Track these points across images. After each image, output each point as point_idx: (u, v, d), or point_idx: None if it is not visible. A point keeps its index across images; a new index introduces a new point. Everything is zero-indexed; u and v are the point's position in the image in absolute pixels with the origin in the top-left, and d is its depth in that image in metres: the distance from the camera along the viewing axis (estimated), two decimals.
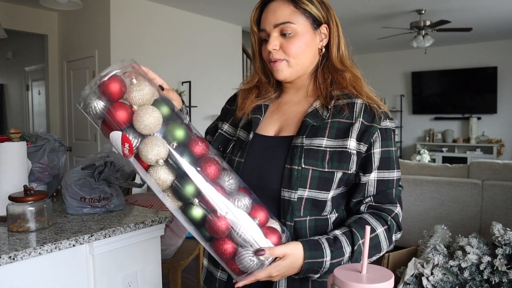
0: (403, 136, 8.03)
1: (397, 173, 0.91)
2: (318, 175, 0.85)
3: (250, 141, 0.92)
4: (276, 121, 0.94)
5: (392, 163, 0.89)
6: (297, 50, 0.89)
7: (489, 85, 6.97)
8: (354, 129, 0.87)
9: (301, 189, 0.84)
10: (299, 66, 0.91)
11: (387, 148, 0.88)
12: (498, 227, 1.55)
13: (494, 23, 5.68)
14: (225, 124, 1.02)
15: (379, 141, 0.87)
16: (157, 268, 1.48)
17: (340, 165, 0.85)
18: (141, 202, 2.04)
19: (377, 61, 8.08)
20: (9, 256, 1.05)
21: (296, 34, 0.88)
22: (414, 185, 3.52)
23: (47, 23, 4.92)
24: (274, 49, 0.89)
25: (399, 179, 0.92)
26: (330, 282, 0.63)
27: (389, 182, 0.90)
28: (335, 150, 0.86)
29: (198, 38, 5.25)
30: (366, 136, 0.86)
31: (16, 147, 1.38)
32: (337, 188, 0.88)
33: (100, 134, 4.55)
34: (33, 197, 1.27)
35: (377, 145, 0.87)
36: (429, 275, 1.58)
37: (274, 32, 0.88)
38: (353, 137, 0.86)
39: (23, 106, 6.07)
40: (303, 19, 0.88)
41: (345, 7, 4.86)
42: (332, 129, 0.88)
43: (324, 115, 0.89)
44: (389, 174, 0.90)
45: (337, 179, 0.86)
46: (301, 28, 0.88)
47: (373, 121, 0.87)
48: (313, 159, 0.85)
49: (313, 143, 0.86)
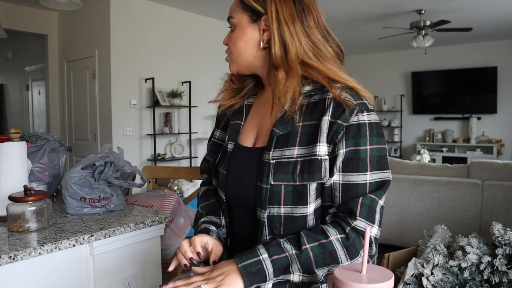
0: (403, 136, 8.03)
1: (371, 175, 0.75)
2: (291, 189, 0.77)
3: (230, 152, 0.88)
4: (254, 127, 0.88)
5: (363, 164, 0.75)
6: (233, 45, 0.86)
7: (489, 85, 6.97)
8: (322, 131, 0.76)
9: (277, 207, 0.78)
10: (241, 61, 0.86)
11: (357, 146, 0.75)
12: (498, 227, 1.55)
13: (494, 23, 5.68)
14: (217, 130, 0.99)
15: (344, 140, 0.75)
16: (157, 268, 1.47)
17: (311, 176, 0.76)
18: (141, 202, 2.04)
19: (377, 61, 8.08)
20: (9, 256, 1.05)
21: (236, 28, 0.85)
22: (414, 185, 3.52)
23: (47, 23, 4.92)
24: (225, 44, 0.89)
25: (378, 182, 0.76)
26: (330, 282, 0.63)
27: (357, 187, 0.75)
28: (305, 159, 0.77)
29: (198, 38, 5.25)
30: (331, 135, 0.76)
31: (16, 147, 1.38)
32: (317, 199, 0.79)
33: (100, 134, 4.55)
34: (33, 197, 1.27)
35: (342, 145, 0.75)
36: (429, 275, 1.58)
37: None
38: (322, 140, 0.76)
39: (23, 106, 6.07)
40: (241, 11, 0.84)
41: (345, 7, 4.86)
42: (303, 135, 0.79)
43: (295, 119, 0.79)
44: (357, 178, 0.75)
45: (312, 192, 0.77)
46: (239, 22, 0.84)
47: (340, 117, 0.76)
48: (284, 174, 0.77)
49: (283, 155, 0.79)
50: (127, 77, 4.52)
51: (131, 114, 4.61)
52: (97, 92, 4.56)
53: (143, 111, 4.74)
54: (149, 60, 4.73)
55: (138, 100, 4.67)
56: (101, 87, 4.52)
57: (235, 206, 0.89)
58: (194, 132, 5.19)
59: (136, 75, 4.62)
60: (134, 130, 4.65)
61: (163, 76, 4.86)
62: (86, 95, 4.70)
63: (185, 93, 5.04)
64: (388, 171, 0.78)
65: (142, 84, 4.68)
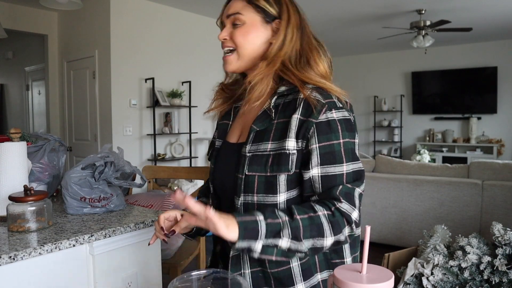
0: (403, 136, 8.04)
1: (348, 166, 0.84)
2: (263, 180, 0.87)
3: (218, 149, 1.00)
4: (239, 126, 0.99)
5: (339, 156, 0.83)
6: (242, 37, 0.92)
7: (489, 85, 6.97)
8: (292, 127, 0.85)
9: (250, 195, 0.87)
10: (246, 56, 0.93)
11: (329, 142, 0.83)
12: (498, 227, 1.55)
13: (494, 23, 5.68)
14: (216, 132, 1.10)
15: (316, 136, 0.83)
16: (157, 268, 1.48)
17: (279, 168, 0.85)
18: (141, 202, 2.04)
19: (377, 61, 8.09)
20: (9, 256, 1.05)
21: (244, 24, 0.92)
22: (414, 185, 3.52)
23: (47, 23, 4.92)
24: (225, 38, 0.94)
25: (354, 173, 0.84)
26: (330, 282, 0.63)
27: (335, 177, 0.83)
28: (276, 152, 0.86)
29: (198, 38, 5.26)
30: (303, 132, 0.84)
31: (16, 147, 1.38)
32: (289, 190, 0.87)
33: (100, 134, 4.55)
34: (33, 197, 1.27)
35: (314, 140, 0.84)
36: (429, 275, 1.58)
37: (227, 23, 0.94)
38: (291, 136, 0.85)
39: (23, 106, 6.08)
40: (253, 12, 0.92)
41: (345, 7, 4.86)
42: (276, 131, 0.88)
43: (272, 116, 0.90)
44: (334, 169, 0.83)
45: (281, 182, 0.86)
46: (250, 20, 0.92)
47: (310, 115, 0.84)
48: (257, 165, 0.87)
49: (259, 148, 0.88)
50: (127, 77, 4.52)
51: (131, 114, 4.61)
52: (97, 92, 4.56)
53: (143, 111, 4.74)
54: (149, 60, 4.73)
55: (138, 100, 4.67)
56: (101, 87, 4.52)
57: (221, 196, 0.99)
58: (194, 132, 5.19)
59: (136, 75, 4.62)
60: (134, 130, 4.65)
61: (163, 76, 4.86)
62: (86, 95, 4.70)
63: (185, 93, 5.04)
64: (360, 162, 0.87)
65: (142, 84, 4.69)
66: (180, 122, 5.13)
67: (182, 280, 0.79)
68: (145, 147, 4.78)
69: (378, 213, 3.67)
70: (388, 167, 3.84)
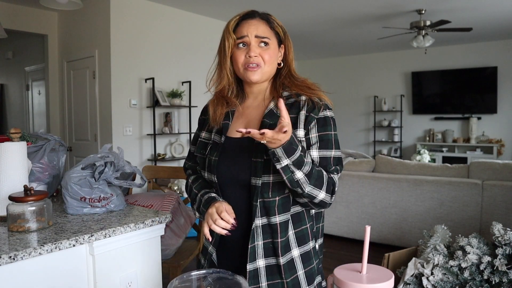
0: (403, 136, 8.04)
1: (335, 152, 1.10)
2: None
3: (222, 143, 1.15)
4: (242, 124, 1.18)
5: (331, 144, 1.10)
6: (269, 59, 1.14)
7: (489, 85, 6.97)
8: (300, 120, 1.09)
9: (267, 176, 1.06)
10: (268, 72, 1.15)
11: (325, 132, 1.10)
12: (498, 227, 1.55)
13: (494, 23, 5.68)
14: (203, 132, 1.25)
15: (316, 127, 1.09)
16: (157, 268, 1.48)
17: None
18: (141, 202, 2.04)
19: (377, 61, 8.08)
20: (9, 256, 1.05)
21: (270, 47, 1.14)
22: (414, 185, 3.52)
23: (47, 23, 4.92)
24: (256, 55, 1.12)
25: (338, 158, 1.11)
26: (330, 282, 0.63)
27: (330, 159, 1.09)
28: None
29: (198, 38, 5.26)
30: (307, 124, 1.09)
31: (16, 147, 1.38)
32: None
33: (100, 134, 4.55)
34: (33, 197, 1.27)
35: (314, 130, 1.09)
36: (429, 275, 1.58)
37: (254, 42, 1.12)
38: (301, 127, 1.09)
39: (23, 106, 6.07)
40: (274, 37, 1.16)
41: (345, 7, 4.86)
42: None
43: (278, 114, 1.09)
44: (328, 153, 1.10)
45: None
46: (274, 45, 1.15)
47: (313, 112, 1.09)
48: None
49: None
50: (127, 77, 4.52)
51: (131, 114, 4.61)
52: (97, 92, 4.56)
53: (143, 111, 4.74)
54: (149, 60, 4.73)
55: (138, 100, 4.67)
56: (101, 87, 4.52)
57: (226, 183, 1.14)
58: (194, 132, 5.18)
59: (136, 75, 4.62)
60: (134, 130, 4.65)
61: (163, 76, 4.86)
62: (86, 95, 4.70)
63: (185, 93, 5.04)
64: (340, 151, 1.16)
65: (142, 84, 4.69)
66: (180, 122, 5.13)
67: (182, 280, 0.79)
68: (145, 147, 4.78)
69: (378, 213, 3.67)
70: (388, 167, 3.84)
